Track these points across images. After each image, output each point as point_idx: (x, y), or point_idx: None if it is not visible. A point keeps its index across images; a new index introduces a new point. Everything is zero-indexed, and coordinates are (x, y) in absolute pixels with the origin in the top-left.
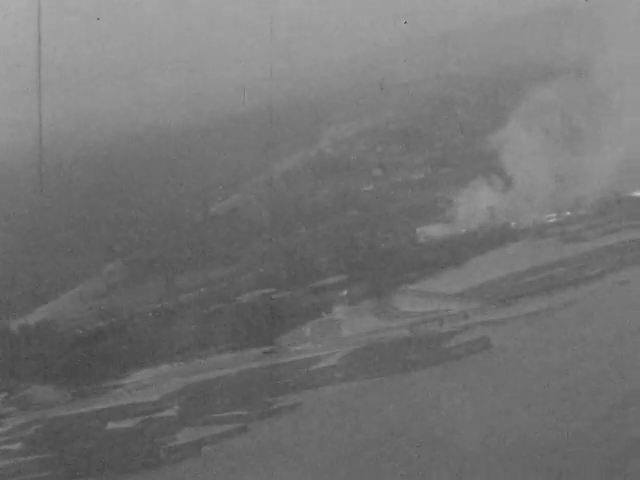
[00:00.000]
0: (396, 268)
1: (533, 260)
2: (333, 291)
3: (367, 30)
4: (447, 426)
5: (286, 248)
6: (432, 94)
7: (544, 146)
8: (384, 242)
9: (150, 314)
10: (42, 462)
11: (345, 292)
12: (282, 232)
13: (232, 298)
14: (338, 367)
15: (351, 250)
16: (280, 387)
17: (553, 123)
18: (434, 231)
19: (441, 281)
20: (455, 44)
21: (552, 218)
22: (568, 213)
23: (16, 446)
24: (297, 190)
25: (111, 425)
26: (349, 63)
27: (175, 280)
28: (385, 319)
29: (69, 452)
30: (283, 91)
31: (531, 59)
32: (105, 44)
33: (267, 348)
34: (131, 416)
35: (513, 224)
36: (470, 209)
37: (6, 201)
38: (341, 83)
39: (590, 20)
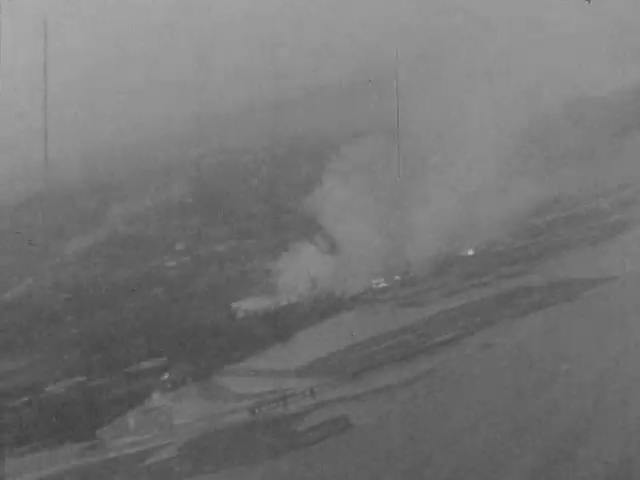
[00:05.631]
0: (217, 346)
1: (374, 329)
2: (151, 376)
3: (161, 106)
4: None
5: (90, 332)
6: (223, 167)
7: (362, 209)
8: (198, 320)
9: None
10: None
11: (166, 376)
12: (83, 315)
13: (40, 390)
14: (176, 460)
15: (164, 330)
16: None
17: (367, 185)
18: (252, 305)
19: (271, 358)
20: (249, 117)
21: (381, 283)
22: (397, 277)
23: None
24: (93, 271)
25: None
26: (137, 142)
27: None
28: (218, 402)
29: None
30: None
31: (334, 124)
32: None
33: (88, 443)
34: None
35: (338, 292)
36: (287, 279)
37: None
38: (128, 161)
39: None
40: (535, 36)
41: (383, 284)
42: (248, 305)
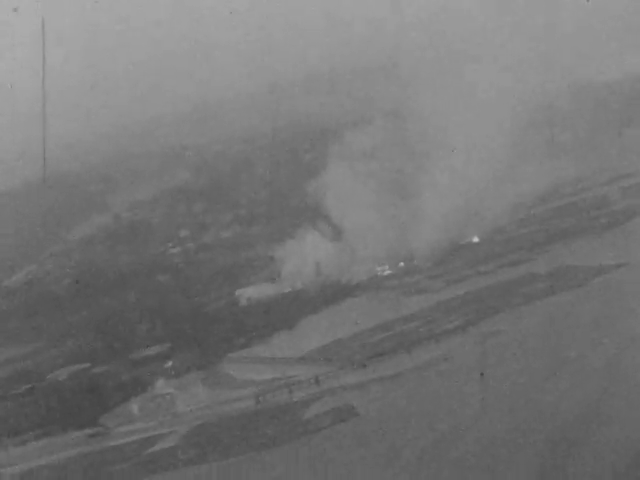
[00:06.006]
0: (220, 334)
1: (379, 316)
2: (155, 362)
3: (165, 93)
4: None
5: (94, 319)
6: (228, 153)
7: (367, 195)
8: (202, 307)
9: None
10: None
11: (170, 363)
12: (87, 302)
13: (43, 376)
14: (180, 448)
15: (168, 317)
16: (115, 475)
17: (372, 172)
18: (256, 292)
19: (275, 345)
20: (252, 104)
21: (386, 270)
22: (402, 264)
23: None
24: (97, 257)
25: None
26: (141, 128)
27: None
28: (222, 390)
29: None
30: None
31: (339, 110)
32: None
33: (91, 430)
34: None
35: (343, 279)
36: (292, 266)
37: None
38: (131, 147)
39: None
40: (541, 25)
41: (388, 271)
42: (252, 292)
